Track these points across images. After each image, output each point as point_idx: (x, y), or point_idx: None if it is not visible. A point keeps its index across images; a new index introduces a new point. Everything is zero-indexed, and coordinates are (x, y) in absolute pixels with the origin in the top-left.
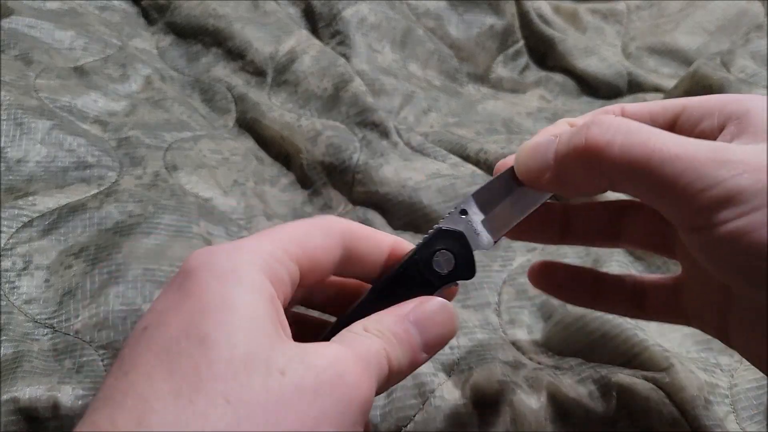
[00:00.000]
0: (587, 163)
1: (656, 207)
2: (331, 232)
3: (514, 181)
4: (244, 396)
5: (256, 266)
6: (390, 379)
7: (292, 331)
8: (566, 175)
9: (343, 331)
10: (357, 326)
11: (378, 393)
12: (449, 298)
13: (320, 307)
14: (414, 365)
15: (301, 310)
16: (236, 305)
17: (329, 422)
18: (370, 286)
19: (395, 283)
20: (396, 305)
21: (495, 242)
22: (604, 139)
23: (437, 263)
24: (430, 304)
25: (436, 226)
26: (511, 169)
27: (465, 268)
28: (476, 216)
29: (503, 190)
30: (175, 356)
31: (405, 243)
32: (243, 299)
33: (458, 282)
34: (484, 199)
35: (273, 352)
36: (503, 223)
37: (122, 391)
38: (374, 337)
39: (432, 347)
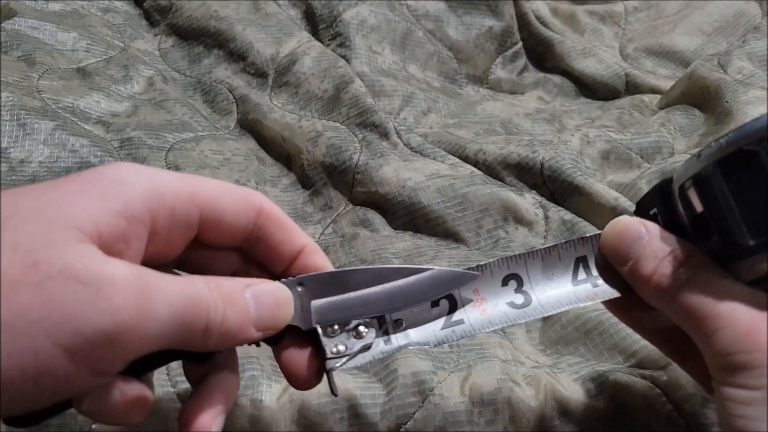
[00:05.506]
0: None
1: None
2: (250, 204)
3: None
4: None
5: (144, 188)
6: (207, 336)
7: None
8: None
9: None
10: (198, 277)
11: (191, 344)
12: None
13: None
14: (242, 336)
15: None
16: (72, 210)
17: (51, 326)
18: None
19: None
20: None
21: (316, 328)
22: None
23: None
24: (270, 283)
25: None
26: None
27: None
28: (310, 295)
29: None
30: None
31: (317, 251)
32: (86, 203)
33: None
34: (322, 285)
35: (50, 247)
36: (332, 317)
37: None
38: (202, 286)
39: (265, 327)
